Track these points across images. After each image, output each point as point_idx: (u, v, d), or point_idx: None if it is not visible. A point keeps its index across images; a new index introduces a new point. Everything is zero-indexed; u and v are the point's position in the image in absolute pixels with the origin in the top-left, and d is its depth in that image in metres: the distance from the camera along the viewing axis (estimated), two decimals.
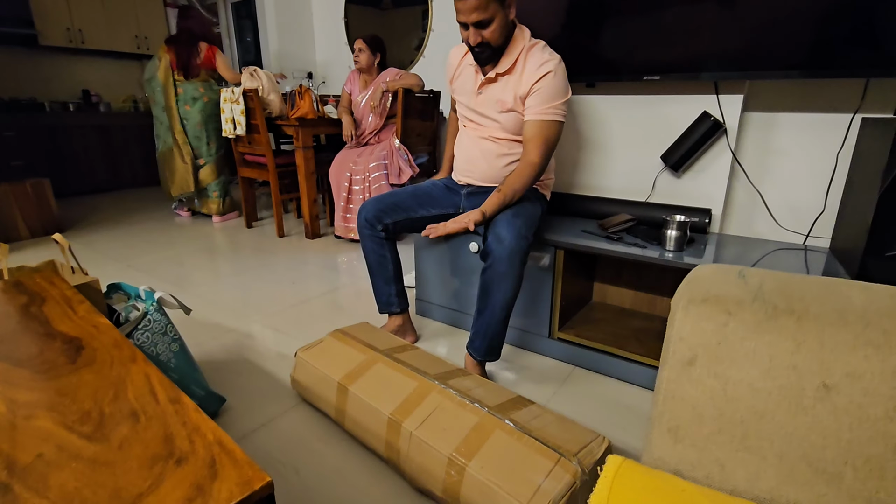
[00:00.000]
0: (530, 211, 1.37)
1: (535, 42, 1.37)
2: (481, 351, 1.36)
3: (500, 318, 1.31)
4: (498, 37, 1.31)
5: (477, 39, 1.31)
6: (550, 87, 1.31)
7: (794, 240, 1.57)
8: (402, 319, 1.62)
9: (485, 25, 1.28)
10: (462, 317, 1.75)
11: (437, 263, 1.78)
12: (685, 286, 0.58)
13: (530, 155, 1.34)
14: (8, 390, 0.63)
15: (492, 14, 1.27)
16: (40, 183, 2.92)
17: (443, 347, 1.64)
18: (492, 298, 1.29)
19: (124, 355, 0.71)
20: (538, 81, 1.31)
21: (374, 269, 1.57)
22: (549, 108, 1.32)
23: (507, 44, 1.36)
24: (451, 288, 1.76)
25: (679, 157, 1.60)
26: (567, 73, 1.35)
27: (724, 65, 1.45)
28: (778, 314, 0.50)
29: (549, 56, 1.33)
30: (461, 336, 1.69)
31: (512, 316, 1.61)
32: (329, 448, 1.13)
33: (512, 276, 1.26)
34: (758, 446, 0.49)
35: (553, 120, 1.33)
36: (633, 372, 1.43)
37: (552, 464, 0.87)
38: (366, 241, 1.54)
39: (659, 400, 0.56)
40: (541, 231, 1.55)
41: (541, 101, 1.32)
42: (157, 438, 0.53)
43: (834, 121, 1.45)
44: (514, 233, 1.24)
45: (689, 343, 0.54)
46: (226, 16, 4.86)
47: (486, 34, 1.29)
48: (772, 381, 0.49)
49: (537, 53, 1.34)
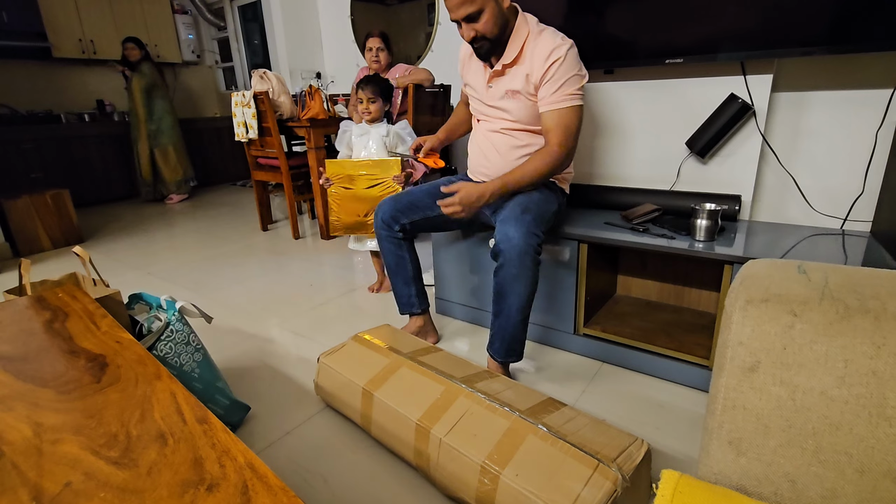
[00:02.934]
0: (542, 206, 1.31)
1: (542, 28, 1.30)
2: (501, 353, 1.32)
3: (517, 319, 1.27)
4: (492, 27, 1.25)
5: (471, 34, 1.27)
6: (562, 74, 1.25)
7: (831, 224, 1.49)
8: (423, 320, 1.59)
9: (475, 18, 1.23)
10: (483, 315, 1.71)
11: (456, 261, 1.75)
12: (740, 285, 0.53)
13: (550, 144, 1.29)
14: (34, 413, 0.61)
15: (480, 5, 1.21)
16: (60, 194, 2.96)
17: (465, 347, 1.60)
18: (507, 301, 1.25)
19: (149, 372, 0.70)
20: (549, 69, 1.25)
21: (392, 269, 1.54)
22: (565, 96, 1.26)
23: (508, 34, 1.30)
24: (471, 285, 1.73)
25: (705, 143, 1.53)
26: (584, 60, 1.29)
27: (750, 44, 1.38)
28: (851, 314, 0.46)
29: (559, 41, 1.26)
30: (483, 334, 1.66)
31: (535, 312, 1.57)
32: (356, 456, 1.11)
33: (525, 277, 1.21)
34: (834, 461, 0.45)
35: (570, 106, 1.27)
36: (663, 367, 1.38)
37: (590, 470, 0.83)
38: (383, 242, 1.52)
39: (717, 409, 0.52)
40: (562, 224, 1.50)
41: (554, 89, 1.26)
42: (186, 463, 0.51)
43: (872, 97, 1.37)
44: (524, 230, 1.19)
45: (749, 348, 0.50)
46: (233, 19, 4.86)
47: (479, 27, 1.24)
48: (848, 388, 0.44)
49: (545, 40, 1.27)
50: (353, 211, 1.81)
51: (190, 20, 5.04)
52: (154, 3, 4.69)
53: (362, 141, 1.86)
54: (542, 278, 1.53)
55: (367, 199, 1.79)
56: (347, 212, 1.81)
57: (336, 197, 1.80)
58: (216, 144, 5.09)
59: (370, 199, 1.78)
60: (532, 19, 1.32)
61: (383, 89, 1.84)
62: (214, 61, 5.39)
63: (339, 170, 1.77)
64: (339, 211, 1.82)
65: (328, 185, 1.78)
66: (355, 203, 1.79)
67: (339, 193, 1.79)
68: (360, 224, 1.83)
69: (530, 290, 1.24)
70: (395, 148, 1.85)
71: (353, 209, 1.81)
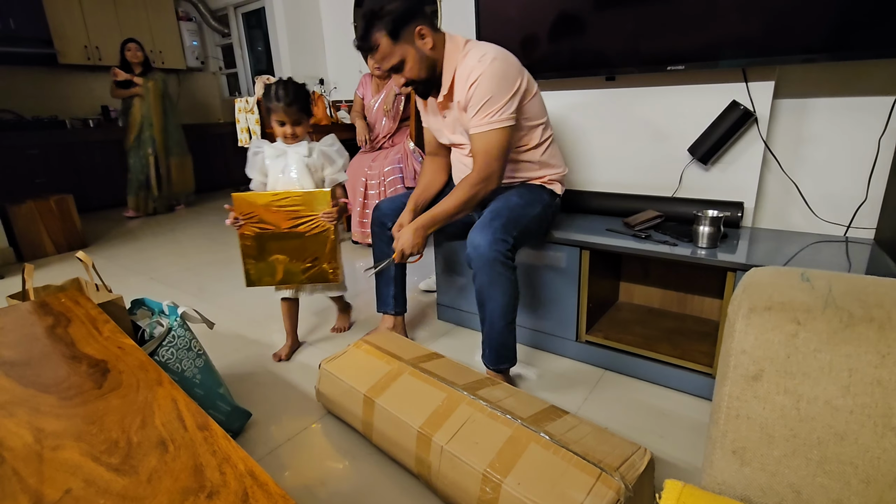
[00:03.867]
0: (517, 210, 1.29)
1: (468, 50, 1.26)
2: (492, 360, 1.32)
3: (500, 325, 1.27)
4: (418, 71, 1.25)
5: (400, 81, 1.28)
6: (480, 97, 1.21)
7: (834, 231, 1.49)
8: (395, 322, 1.62)
9: (400, 68, 1.25)
10: None
11: (458, 267, 1.75)
12: (743, 293, 0.53)
13: (473, 170, 1.26)
14: (35, 419, 0.61)
15: (400, 55, 1.23)
16: (64, 199, 2.97)
17: (466, 353, 1.60)
18: (487, 309, 1.26)
19: (150, 378, 0.70)
20: (469, 92, 1.23)
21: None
22: (483, 120, 1.23)
23: (440, 68, 1.28)
24: (473, 292, 1.72)
25: (707, 149, 1.53)
26: (586, 66, 1.29)
27: (751, 51, 1.38)
28: (855, 322, 0.46)
29: (476, 62, 1.22)
30: None
31: (536, 319, 1.57)
32: (357, 463, 1.11)
33: (499, 284, 1.21)
34: (840, 471, 0.44)
35: (489, 130, 1.22)
36: (666, 375, 1.37)
37: (593, 479, 0.82)
38: (375, 240, 1.55)
39: (720, 418, 0.51)
40: (563, 230, 1.50)
41: (473, 113, 1.24)
42: (186, 470, 0.51)
43: (874, 104, 1.37)
44: (490, 238, 1.18)
45: (753, 356, 0.49)
46: (237, 26, 4.91)
47: (406, 74, 1.25)
48: (853, 398, 0.44)
49: (466, 64, 1.24)
50: (272, 256, 1.40)
51: (194, 27, 5.09)
52: (159, 11, 4.74)
53: (278, 164, 1.44)
54: (543, 284, 1.53)
55: (290, 241, 1.39)
56: (265, 258, 1.40)
57: (249, 240, 1.37)
58: (219, 150, 5.11)
59: (296, 240, 1.38)
60: (460, 41, 1.29)
61: (305, 103, 1.40)
62: (218, 67, 5.43)
63: (250, 206, 1.35)
64: (253, 257, 1.40)
65: (237, 226, 1.36)
66: (275, 246, 1.39)
67: (254, 235, 1.37)
68: (289, 272, 1.42)
69: (508, 295, 1.23)
70: (320, 170, 1.45)
71: (271, 254, 1.40)
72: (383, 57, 1.24)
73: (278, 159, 1.44)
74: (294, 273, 1.43)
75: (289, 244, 1.39)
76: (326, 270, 1.43)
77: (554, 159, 1.46)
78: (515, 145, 1.37)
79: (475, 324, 1.75)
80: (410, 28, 1.22)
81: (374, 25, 1.20)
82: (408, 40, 1.22)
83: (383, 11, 1.19)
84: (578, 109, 1.81)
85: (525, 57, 1.79)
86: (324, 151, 1.44)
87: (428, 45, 1.24)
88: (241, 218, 1.36)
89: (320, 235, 1.39)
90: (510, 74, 1.23)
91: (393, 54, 1.23)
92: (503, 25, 1.81)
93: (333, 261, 1.42)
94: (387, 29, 1.20)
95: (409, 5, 1.21)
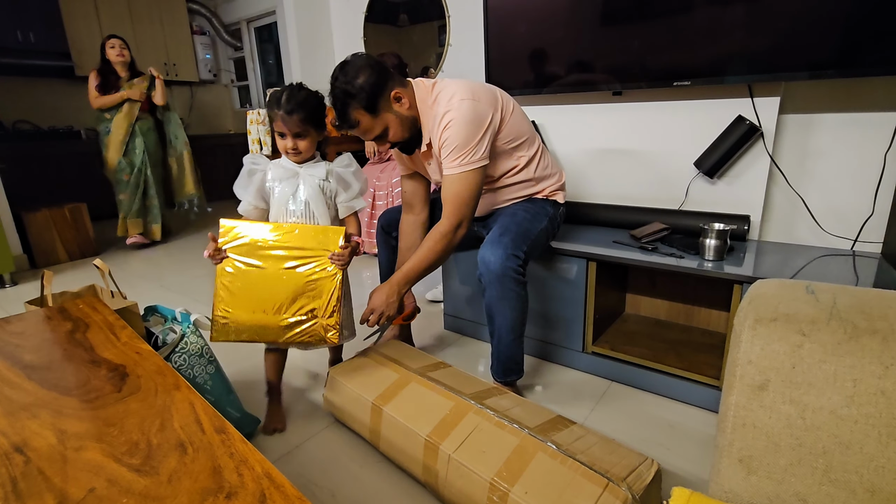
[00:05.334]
0: (525, 225, 1.29)
1: (436, 95, 1.24)
2: (500, 373, 1.33)
3: (509, 339, 1.28)
4: (401, 133, 1.25)
5: (385, 146, 1.29)
6: (451, 141, 1.20)
7: (841, 245, 1.49)
8: (399, 330, 1.62)
9: (384, 137, 1.25)
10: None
11: (465, 277, 1.76)
12: (749, 304, 0.54)
13: (442, 218, 1.24)
14: (58, 420, 0.63)
15: (382, 125, 1.22)
16: (77, 207, 3.03)
17: (473, 363, 1.61)
18: (496, 323, 1.26)
19: (168, 382, 0.71)
20: (441, 137, 1.22)
21: (384, 275, 1.58)
22: (456, 161, 1.21)
23: (419, 123, 1.28)
24: (480, 302, 1.73)
25: (713, 163, 1.55)
26: (593, 83, 1.30)
27: (757, 67, 1.41)
28: (859, 334, 0.47)
29: (443, 109, 1.21)
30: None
31: (543, 329, 1.58)
32: (365, 470, 1.12)
33: (509, 299, 1.21)
34: (845, 480, 0.45)
35: (459, 173, 1.21)
36: (673, 386, 1.37)
37: (600, 489, 0.83)
38: (381, 248, 1.56)
39: (727, 428, 0.52)
40: (570, 242, 1.51)
41: (444, 155, 1.23)
42: (205, 471, 0.53)
43: (880, 119, 1.39)
44: (501, 253, 1.19)
45: (759, 366, 0.50)
46: (249, 39, 5.02)
47: (391, 139, 1.26)
48: (857, 408, 0.45)
49: (438, 109, 1.23)
50: (256, 304, 1.09)
51: (208, 41, 5.21)
52: (174, 25, 4.86)
53: (286, 188, 1.17)
54: (550, 296, 1.54)
55: (282, 286, 1.08)
56: (246, 304, 1.09)
57: (229, 278, 1.09)
58: (230, 160, 5.19)
59: (288, 288, 1.08)
60: (427, 86, 1.27)
61: (314, 114, 1.15)
62: (230, 80, 5.54)
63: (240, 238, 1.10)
64: (231, 301, 1.09)
65: (217, 259, 1.10)
66: (263, 291, 1.09)
67: (237, 273, 1.09)
68: (264, 328, 1.10)
69: (517, 310, 1.24)
70: (334, 197, 1.21)
71: (256, 301, 1.09)
72: (366, 131, 1.23)
73: (287, 182, 1.17)
74: (278, 330, 1.10)
75: (280, 290, 1.08)
76: (324, 328, 1.10)
77: (549, 170, 1.43)
78: (504, 171, 1.35)
79: (481, 334, 1.76)
80: (385, 96, 1.20)
81: (350, 105, 1.18)
82: (386, 108, 1.21)
83: (356, 88, 1.16)
84: (586, 123, 1.83)
85: (533, 71, 1.84)
86: (339, 174, 1.19)
87: (405, 107, 1.23)
88: (227, 250, 1.09)
89: (323, 282, 1.09)
90: (480, 113, 1.21)
91: (375, 126, 1.22)
92: (512, 41, 1.85)
93: (335, 316, 1.10)
94: (363, 105, 1.17)
95: (379, 75, 1.18)
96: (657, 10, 1.52)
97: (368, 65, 1.18)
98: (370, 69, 1.17)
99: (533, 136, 1.39)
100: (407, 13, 3.35)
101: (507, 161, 1.35)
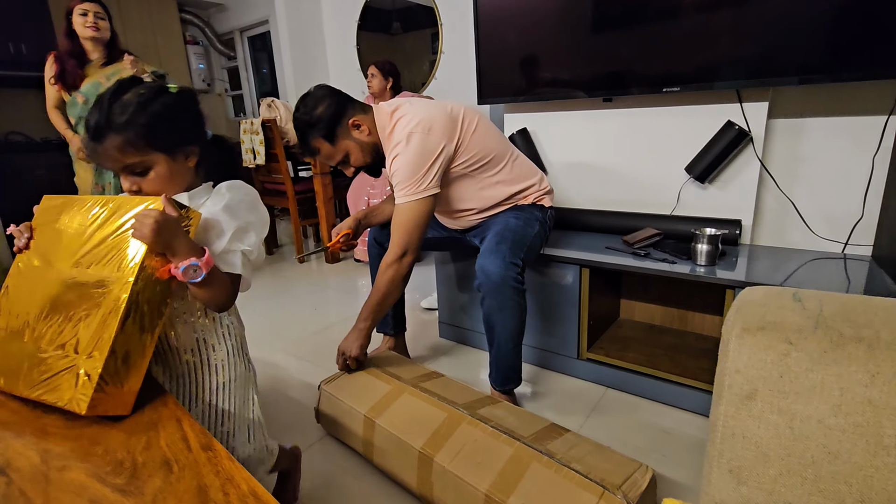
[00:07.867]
0: (519, 232, 1.29)
1: (395, 123, 1.26)
2: (498, 381, 1.33)
3: (508, 348, 1.28)
4: (363, 158, 1.29)
5: (350, 171, 1.32)
6: (399, 173, 1.22)
7: (832, 248, 1.50)
8: (394, 342, 1.62)
9: (346, 161, 1.29)
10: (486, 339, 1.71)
11: (459, 286, 1.76)
12: (736, 313, 0.54)
13: (388, 254, 1.25)
14: (41, 439, 0.62)
15: (343, 151, 1.26)
16: None
17: (468, 371, 1.60)
18: (495, 332, 1.26)
19: (155, 398, 0.70)
20: (390, 171, 1.25)
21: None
22: (403, 192, 1.22)
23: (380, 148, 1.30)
24: (474, 310, 1.73)
25: (704, 168, 1.56)
26: (584, 89, 1.31)
27: (745, 72, 1.42)
28: (845, 342, 0.47)
29: (397, 138, 1.23)
30: (486, 359, 1.65)
31: (537, 336, 1.58)
32: (358, 483, 1.10)
33: (508, 308, 1.21)
34: (834, 490, 0.45)
35: (407, 202, 1.22)
36: (668, 392, 1.37)
37: (596, 498, 0.82)
38: (373, 260, 1.56)
39: (716, 438, 0.52)
40: (563, 248, 1.52)
41: (395, 187, 1.25)
42: (190, 490, 0.52)
43: (867, 123, 1.40)
44: (500, 262, 1.19)
45: (746, 375, 0.50)
46: (242, 49, 5.03)
47: (354, 164, 1.30)
48: (844, 417, 0.45)
49: (393, 139, 1.25)
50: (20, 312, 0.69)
51: (201, 50, 5.22)
52: (168, 36, 4.86)
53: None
54: (544, 302, 1.54)
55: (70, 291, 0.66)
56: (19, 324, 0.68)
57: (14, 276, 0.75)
58: None
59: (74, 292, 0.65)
60: (387, 112, 1.28)
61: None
62: (224, 90, 5.54)
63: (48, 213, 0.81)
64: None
65: (21, 244, 0.82)
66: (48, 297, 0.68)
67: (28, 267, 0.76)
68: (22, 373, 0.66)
69: (516, 319, 1.24)
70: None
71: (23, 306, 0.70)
72: (327, 157, 1.28)
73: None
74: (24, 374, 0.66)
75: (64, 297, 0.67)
76: (71, 383, 0.62)
77: (523, 168, 1.42)
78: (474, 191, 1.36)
79: (477, 341, 1.75)
80: (344, 124, 1.24)
81: (309, 133, 1.24)
82: (344, 136, 1.25)
83: (314, 118, 1.22)
84: (577, 130, 1.84)
85: (524, 79, 1.85)
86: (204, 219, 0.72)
87: (365, 133, 1.27)
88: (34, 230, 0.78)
89: (106, 297, 0.63)
90: (429, 146, 1.21)
91: (336, 153, 1.27)
92: (502, 49, 1.86)
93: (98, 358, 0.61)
94: (322, 134, 1.23)
95: (338, 105, 1.23)
96: (646, 16, 1.53)
97: (327, 95, 1.25)
98: (329, 99, 1.24)
99: (503, 151, 1.38)
100: (400, 21, 3.37)
101: (474, 183, 1.35)
